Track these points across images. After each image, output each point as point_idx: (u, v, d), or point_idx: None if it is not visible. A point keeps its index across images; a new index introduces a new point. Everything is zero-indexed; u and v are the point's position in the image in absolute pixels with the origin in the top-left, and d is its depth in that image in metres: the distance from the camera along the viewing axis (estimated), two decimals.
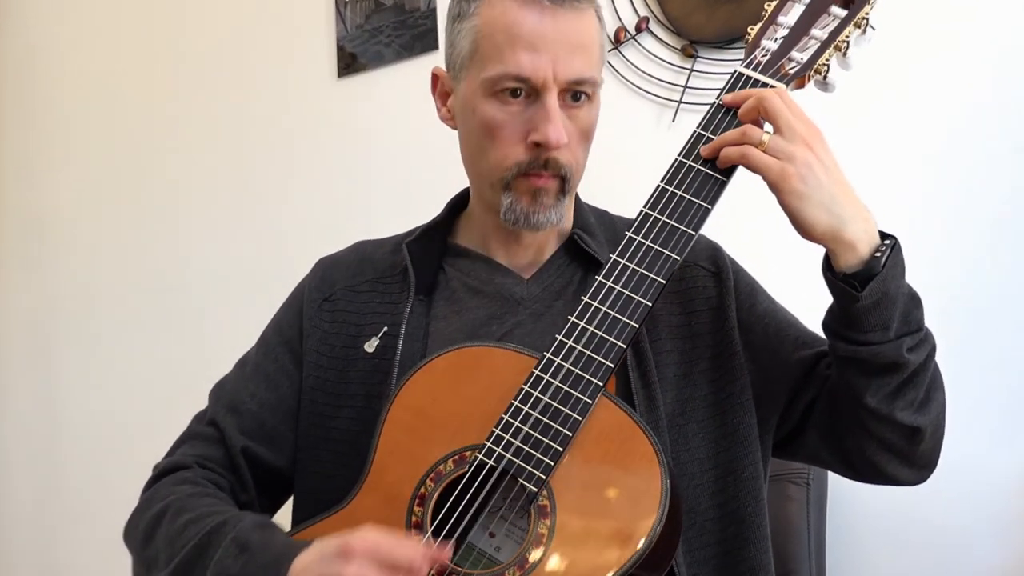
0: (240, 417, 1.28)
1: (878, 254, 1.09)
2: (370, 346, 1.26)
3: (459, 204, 1.36)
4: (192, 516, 1.15)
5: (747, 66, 1.16)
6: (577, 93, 1.20)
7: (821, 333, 1.18)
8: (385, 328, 1.26)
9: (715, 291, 1.27)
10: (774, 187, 1.08)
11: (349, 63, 2.34)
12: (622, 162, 1.99)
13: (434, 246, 1.32)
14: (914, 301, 1.13)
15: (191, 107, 2.52)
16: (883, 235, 1.12)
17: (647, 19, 2.07)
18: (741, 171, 1.13)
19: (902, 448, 1.16)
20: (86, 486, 2.57)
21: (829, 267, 1.11)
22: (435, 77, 1.30)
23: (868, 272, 1.08)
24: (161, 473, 1.25)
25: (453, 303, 1.28)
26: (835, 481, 1.76)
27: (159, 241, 2.54)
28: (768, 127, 1.11)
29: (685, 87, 2.03)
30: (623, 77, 2.08)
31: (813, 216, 1.08)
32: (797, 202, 1.08)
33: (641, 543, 1.02)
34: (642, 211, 1.14)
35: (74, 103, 2.65)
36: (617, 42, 2.08)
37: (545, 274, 1.29)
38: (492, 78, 1.19)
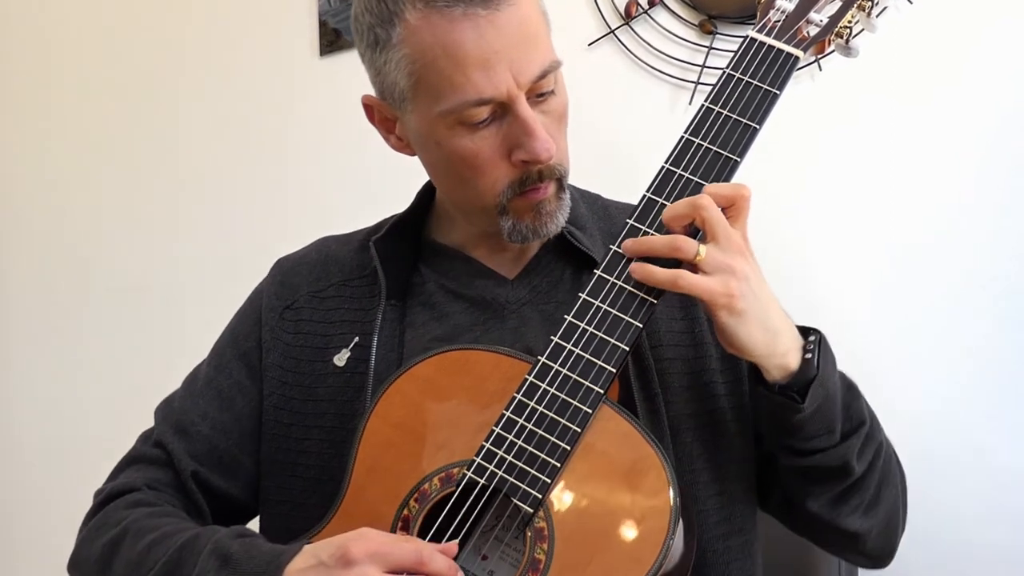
0: (189, 440, 1.25)
1: (808, 355, 1.08)
2: (340, 359, 1.23)
3: (429, 195, 1.33)
4: (156, 536, 1.12)
5: (760, 30, 1.13)
6: (543, 93, 1.15)
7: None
8: (356, 339, 1.23)
9: None
10: (714, 309, 1.04)
11: (332, 40, 2.32)
12: (633, 149, 1.96)
13: (405, 244, 1.29)
14: (852, 392, 1.14)
15: (161, 88, 2.49)
16: (805, 330, 1.11)
17: None
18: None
19: (849, 548, 1.22)
20: (41, 484, 2.57)
21: (760, 381, 1.10)
22: (368, 107, 1.24)
23: (803, 378, 1.07)
24: (107, 498, 1.22)
25: (430, 308, 1.25)
26: None
27: (123, 231, 2.52)
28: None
29: (703, 67, 2.01)
30: (635, 56, 2.06)
31: (750, 335, 1.05)
32: (736, 322, 1.05)
33: (648, 571, 0.99)
34: (644, 196, 1.11)
35: (37, 81, 2.62)
36: (628, 17, 2.05)
37: (532, 274, 1.26)
38: (451, 110, 1.13)
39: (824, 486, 1.14)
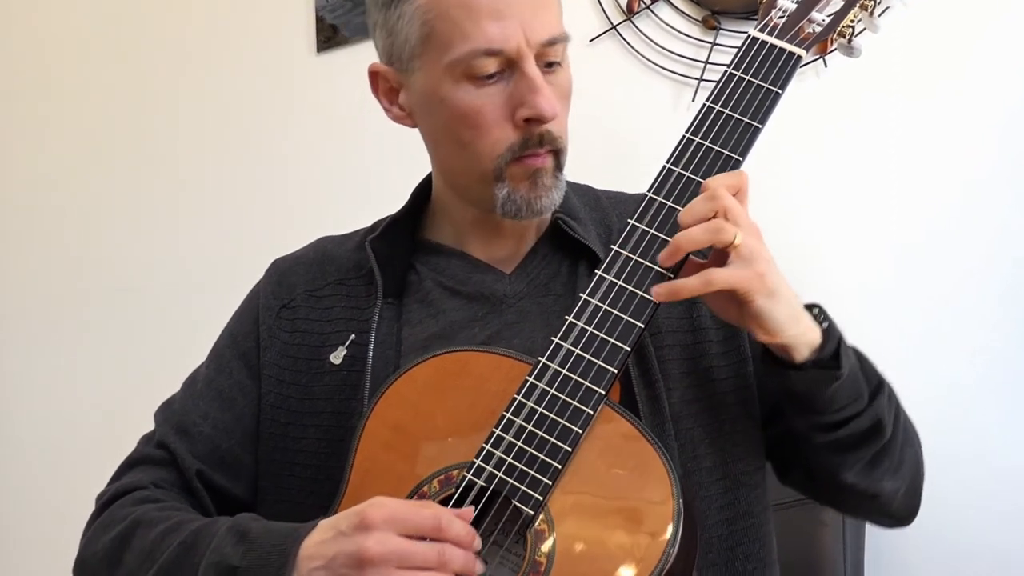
0: (191, 440, 1.25)
1: (824, 324, 1.09)
2: (336, 357, 1.23)
3: (424, 194, 1.33)
4: (170, 524, 1.12)
5: (762, 29, 1.13)
6: (551, 62, 1.18)
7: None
8: (352, 336, 1.23)
9: None
10: (751, 295, 1.03)
11: (330, 36, 2.31)
12: (635, 147, 1.97)
13: (401, 243, 1.29)
14: (858, 355, 1.14)
15: (155, 87, 2.49)
16: (806, 306, 1.11)
17: None
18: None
19: (876, 511, 1.22)
20: (40, 484, 2.57)
21: (786, 366, 1.09)
22: (373, 75, 1.25)
23: (829, 348, 1.08)
24: (111, 499, 1.21)
25: (427, 306, 1.25)
26: None
27: (117, 233, 2.52)
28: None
29: (706, 63, 2.00)
30: (637, 52, 2.05)
31: (783, 315, 1.05)
32: (772, 303, 1.04)
33: (651, 572, 0.98)
34: (646, 196, 1.10)
35: (36, 81, 2.62)
36: (630, 13, 2.05)
37: (529, 267, 1.26)
38: (459, 59, 1.15)
39: (858, 453, 1.13)
